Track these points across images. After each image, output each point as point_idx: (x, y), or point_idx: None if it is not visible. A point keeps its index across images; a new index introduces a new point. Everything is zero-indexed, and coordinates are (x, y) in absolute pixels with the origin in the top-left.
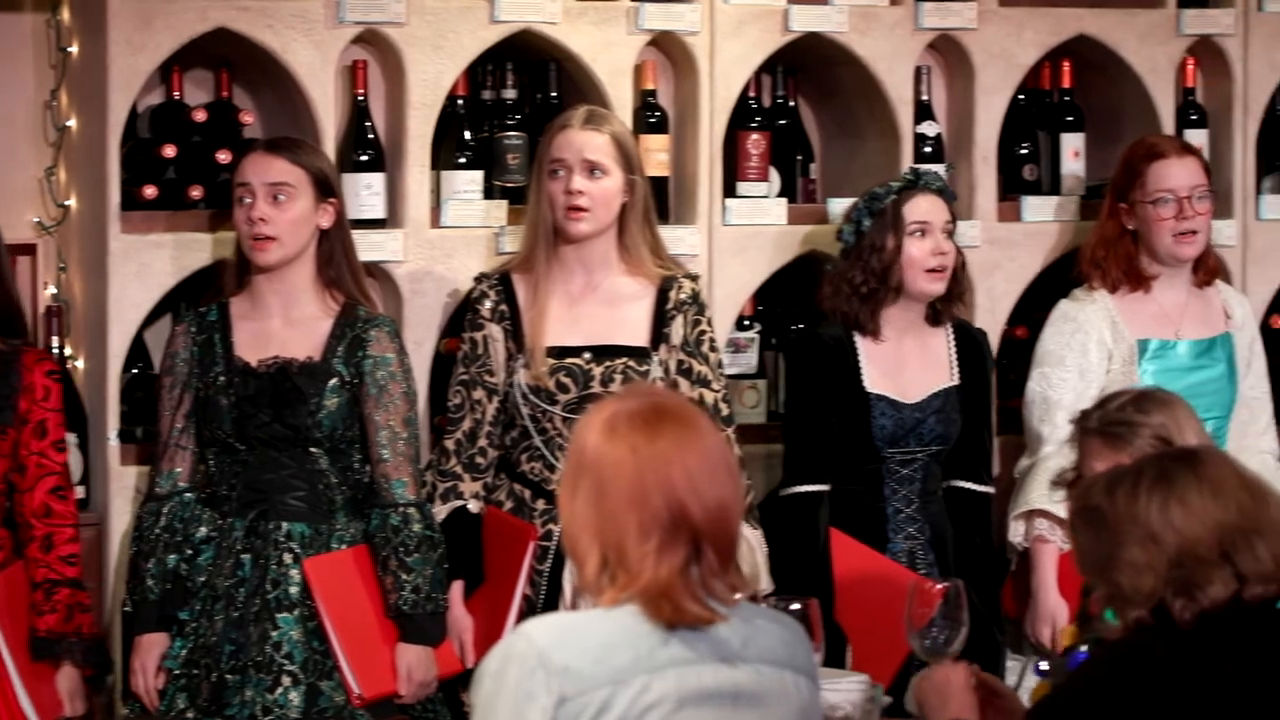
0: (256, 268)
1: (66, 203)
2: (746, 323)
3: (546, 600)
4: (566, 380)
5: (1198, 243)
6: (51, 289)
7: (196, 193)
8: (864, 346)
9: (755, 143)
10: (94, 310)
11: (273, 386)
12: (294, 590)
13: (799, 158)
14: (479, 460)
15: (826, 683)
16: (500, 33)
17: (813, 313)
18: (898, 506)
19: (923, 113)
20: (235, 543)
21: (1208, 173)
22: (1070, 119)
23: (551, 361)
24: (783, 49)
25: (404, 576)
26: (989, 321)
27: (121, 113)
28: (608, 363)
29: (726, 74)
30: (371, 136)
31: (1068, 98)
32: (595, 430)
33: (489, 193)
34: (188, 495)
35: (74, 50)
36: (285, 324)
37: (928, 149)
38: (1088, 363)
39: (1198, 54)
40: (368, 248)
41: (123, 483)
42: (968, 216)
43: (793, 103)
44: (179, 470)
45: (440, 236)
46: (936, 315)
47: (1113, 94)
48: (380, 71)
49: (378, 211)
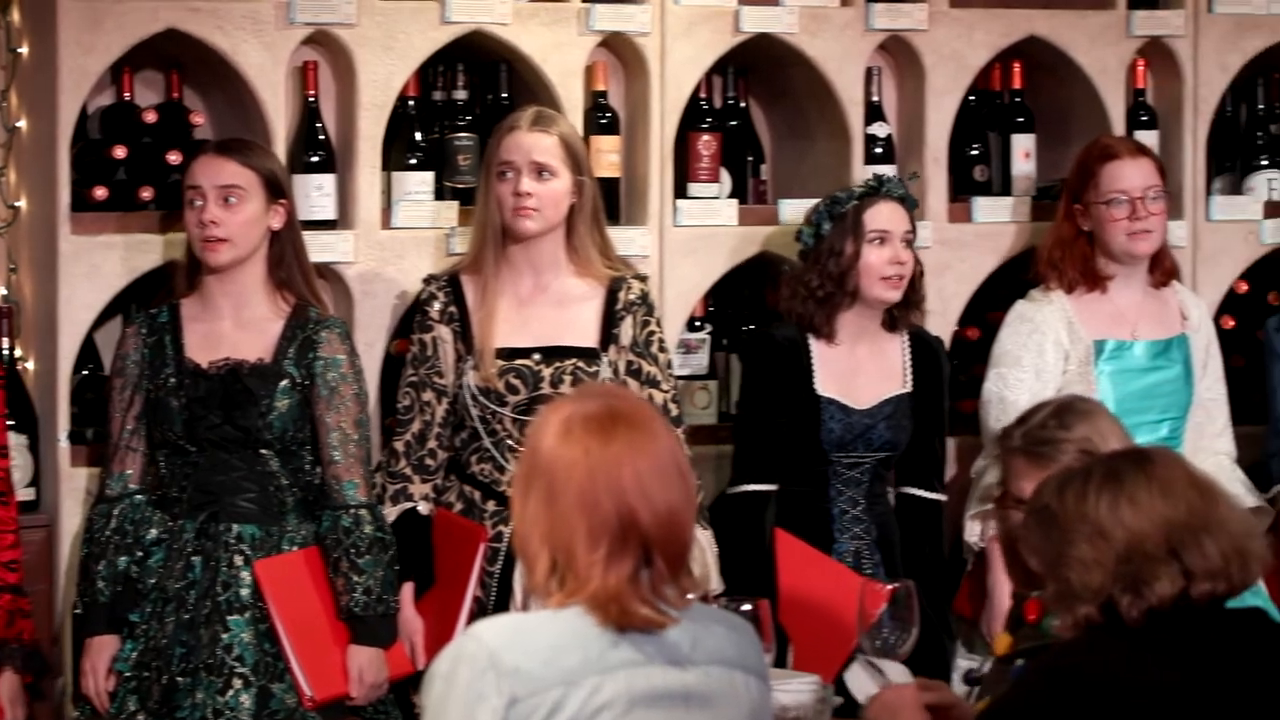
0: (207, 269)
1: (16, 204)
2: (697, 324)
3: (497, 602)
4: (516, 381)
5: (1152, 240)
6: (1, 290)
7: (147, 194)
8: (817, 349)
9: (706, 144)
10: (44, 311)
11: (223, 388)
12: (245, 592)
13: (750, 159)
14: (429, 462)
15: (777, 683)
16: (451, 33)
17: (764, 314)
18: (843, 508)
19: (873, 114)
20: (186, 545)
21: (1162, 173)
22: (1021, 120)
23: (501, 363)
24: (733, 50)
25: (355, 578)
26: (940, 322)
27: (71, 113)
28: (557, 364)
29: (677, 75)
30: (322, 137)
31: (1018, 99)
32: (550, 431)
33: (440, 194)
34: (138, 497)
35: (24, 51)
36: (236, 325)
37: (878, 150)
38: (1044, 363)
39: (1148, 55)
40: (318, 249)
41: (73, 484)
42: (919, 218)
43: (743, 104)
44: (129, 472)
45: (391, 238)
46: (893, 321)
47: (1063, 95)
48: (331, 72)
49: (328, 213)
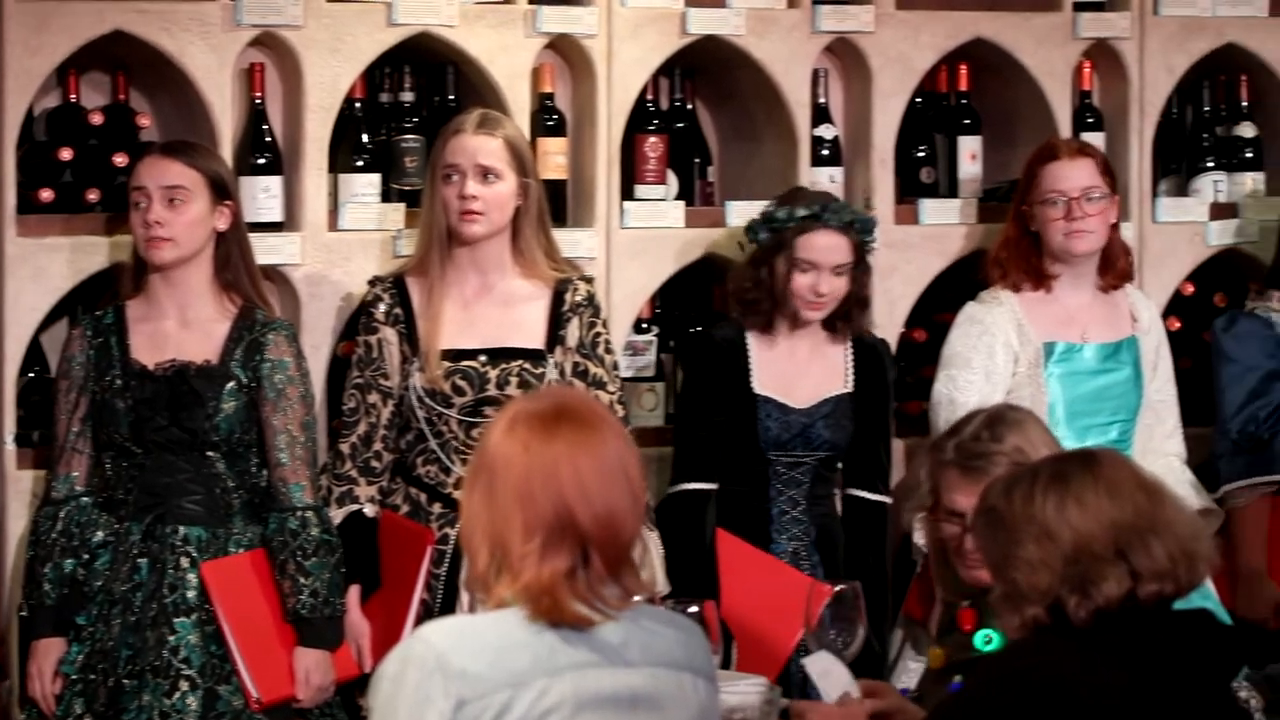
0: (152, 268)
1: None
2: (645, 325)
3: (444, 604)
4: (462, 383)
5: (1090, 240)
6: None
7: (93, 196)
8: (757, 349)
9: (653, 145)
10: None
11: (170, 390)
12: (191, 594)
13: (697, 160)
14: (374, 464)
15: (725, 685)
16: (398, 35)
17: (710, 315)
18: (783, 508)
19: (820, 115)
20: (132, 547)
21: (1108, 175)
22: (967, 122)
23: (447, 364)
24: (680, 52)
25: (302, 580)
26: (887, 324)
27: (17, 115)
28: (503, 365)
29: (624, 77)
30: (269, 139)
31: (965, 101)
32: (497, 428)
33: (386, 196)
34: (84, 499)
35: None
36: (181, 325)
37: (825, 152)
38: (994, 365)
39: (1094, 57)
40: (265, 251)
41: (19, 487)
42: None
43: (690, 105)
44: (75, 474)
45: (338, 239)
46: (832, 329)
47: (1009, 97)
48: (277, 74)
49: (275, 214)
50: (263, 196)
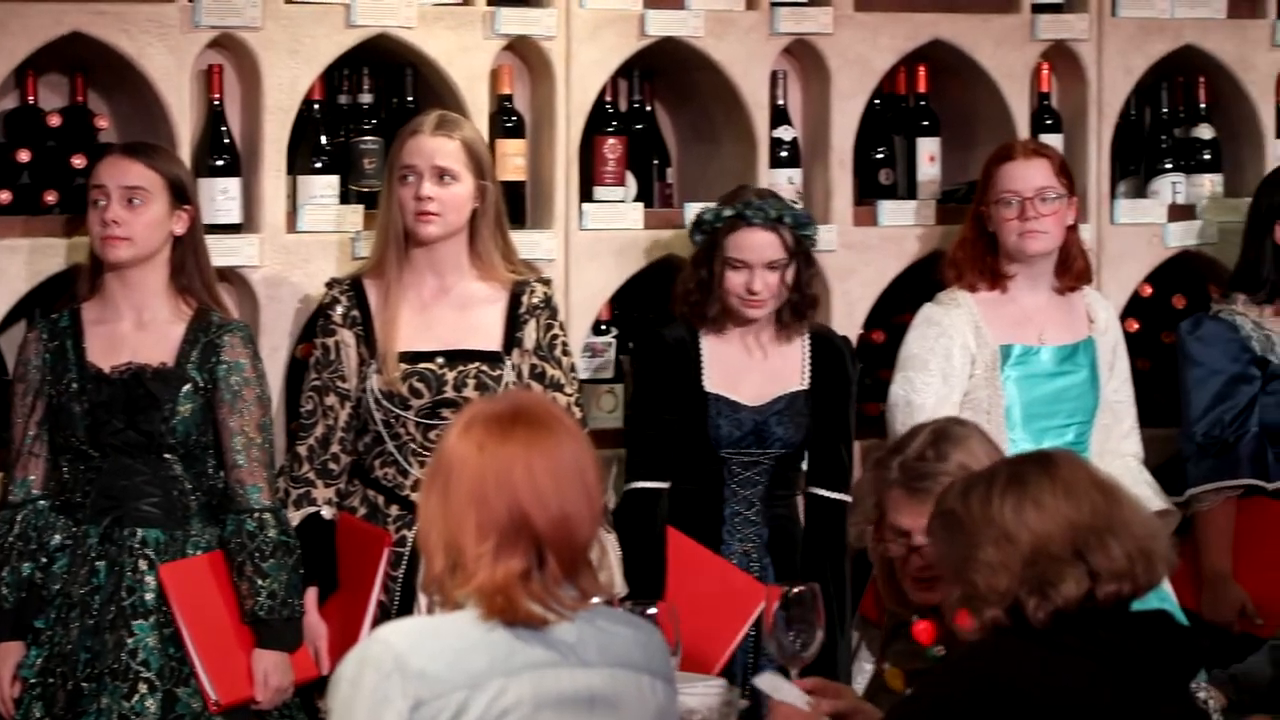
0: (108, 267)
1: None
2: (603, 327)
3: (401, 606)
4: (420, 385)
5: (1043, 240)
6: None
7: (51, 198)
8: (709, 347)
9: (612, 147)
10: None
11: (126, 392)
12: (149, 597)
13: (655, 162)
14: (332, 466)
15: (683, 686)
16: (356, 37)
17: (669, 317)
18: (737, 509)
19: (779, 117)
20: (90, 550)
21: (1065, 176)
22: (926, 123)
23: (404, 367)
24: (639, 53)
25: (260, 582)
26: (845, 326)
27: None
28: (460, 367)
29: (583, 78)
30: (227, 141)
31: (923, 102)
32: (454, 429)
33: (345, 197)
34: (41, 503)
35: None
36: (137, 328)
37: (784, 153)
38: (951, 367)
39: (1052, 59)
40: (223, 253)
41: None
42: (824, 221)
43: (649, 107)
44: (32, 478)
45: (296, 241)
46: (783, 325)
47: (968, 99)
48: (236, 76)
49: (233, 216)
50: (221, 198)
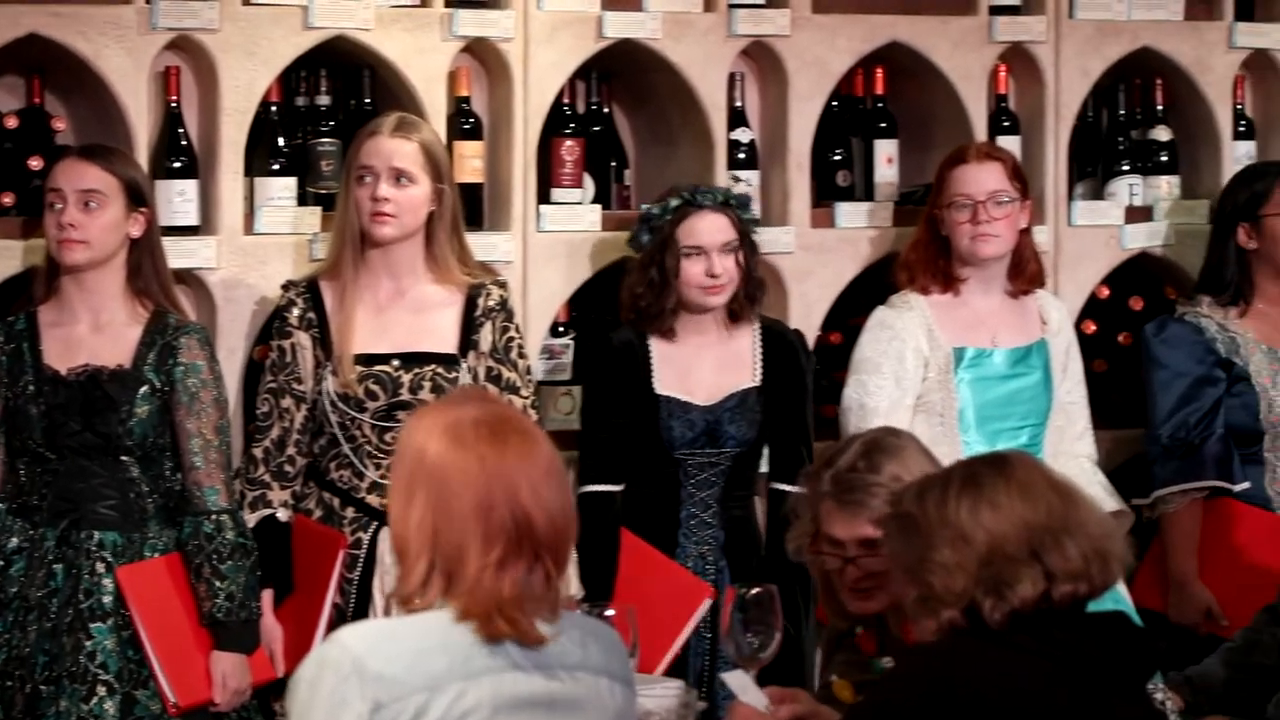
0: (64, 270)
1: None
2: (561, 329)
3: (356, 608)
4: (375, 388)
5: (996, 244)
6: None
7: (8, 200)
8: (657, 349)
9: (569, 149)
10: None
11: (83, 395)
12: (107, 599)
13: (613, 164)
14: (287, 468)
15: (641, 688)
16: (314, 39)
17: None
18: (693, 510)
19: (736, 119)
20: (47, 553)
21: (1018, 179)
22: (883, 125)
23: (360, 369)
24: (597, 55)
25: (218, 584)
26: (802, 327)
27: None
28: (416, 370)
29: (540, 80)
30: (185, 143)
31: (881, 104)
32: (436, 437)
33: (303, 199)
34: None
35: None
36: (94, 330)
37: (741, 155)
38: (904, 370)
39: (1010, 61)
40: (181, 255)
41: None
42: (782, 223)
43: (607, 109)
44: None
45: (254, 243)
46: (734, 315)
47: (926, 101)
48: (193, 78)
49: (191, 218)
50: (178, 200)
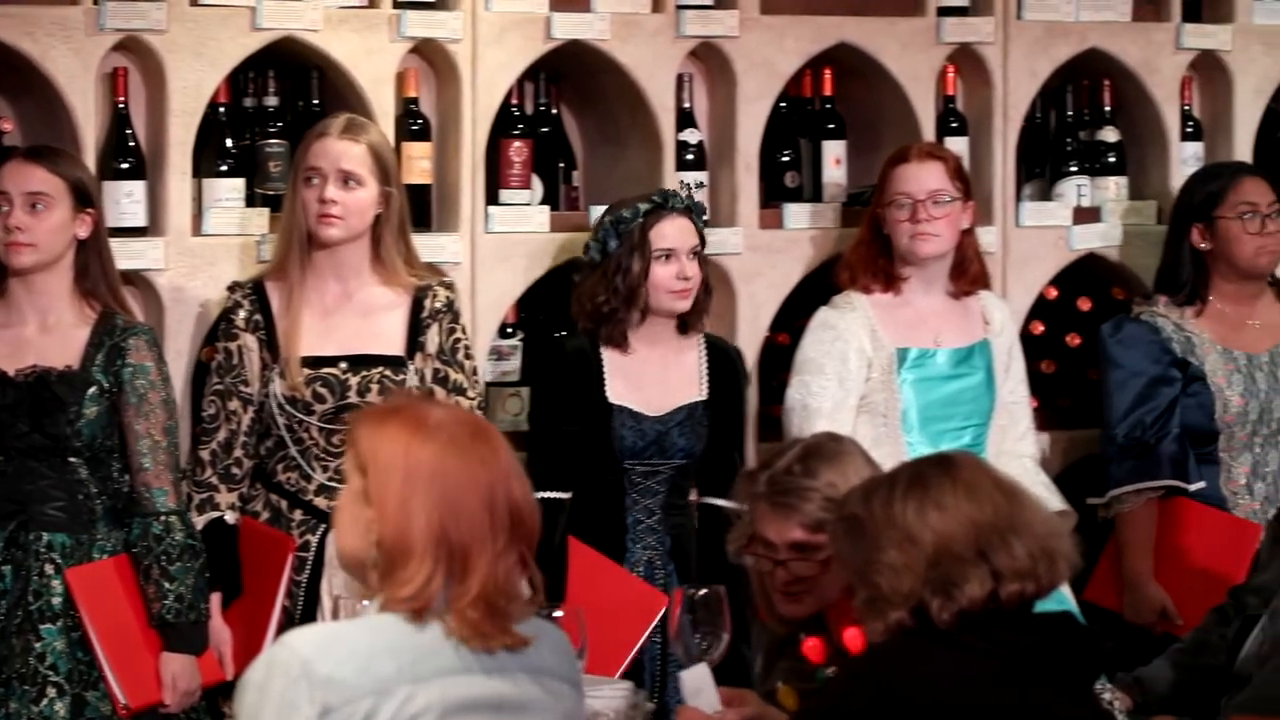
0: (11, 272)
1: None
2: (510, 330)
3: (304, 611)
4: (323, 390)
5: (935, 243)
6: None
7: None
8: (610, 358)
9: (518, 150)
10: None
11: (31, 396)
12: (56, 601)
13: (561, 165)
14: (235, 471)
15: (590, 690)
16: (262, 40)
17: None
18: (638, 517)
19: (684, 120)
20: None
21: (960, 179)
22: (832, 126)
23: (307, 371)
24: (545, 56)
25: (167, 585)
26: (751, 328)
27: None
28: (364, 372)
29: (489, 81)
30: (132, 144)
31: (829, 105)
32: (421, 442)
33: (251, 200)
34: None
35: None
36: (41, 331)
37: (689, 156)
38: (847, 371)
39: (958, 62)
40: (128, 256)
41: None
42: (730, 224)
43: (555, 110)
44: None
45: (202, 245)
46: (685, 325)
47: (874, 101)
48: (141, 79)
49: (139, 219)
50: (126, 201)
